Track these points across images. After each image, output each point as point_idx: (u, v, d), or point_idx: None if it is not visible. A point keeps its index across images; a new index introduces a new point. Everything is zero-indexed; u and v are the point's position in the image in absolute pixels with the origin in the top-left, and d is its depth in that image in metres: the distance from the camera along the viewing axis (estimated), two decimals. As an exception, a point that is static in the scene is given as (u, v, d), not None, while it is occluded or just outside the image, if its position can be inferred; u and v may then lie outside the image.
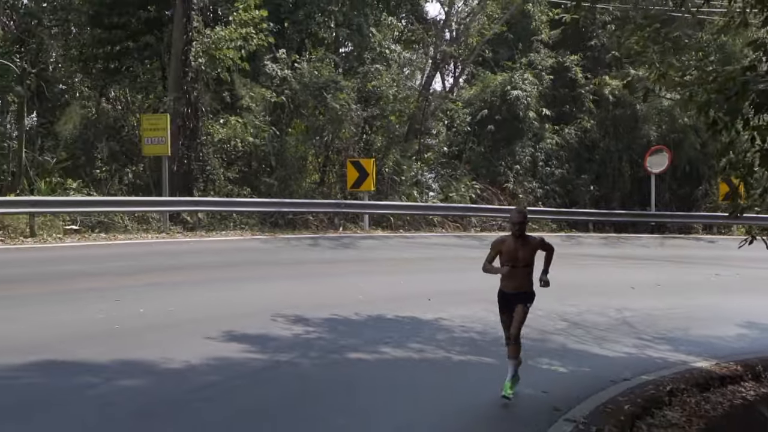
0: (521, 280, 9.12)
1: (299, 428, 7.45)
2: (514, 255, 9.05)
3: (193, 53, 24.33)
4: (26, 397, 7.65)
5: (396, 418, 8.06)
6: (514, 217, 9.18)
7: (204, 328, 10.67)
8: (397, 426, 7.84)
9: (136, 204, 22.52)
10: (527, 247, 9.11)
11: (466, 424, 8.13)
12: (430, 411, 8.44)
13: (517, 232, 9.03)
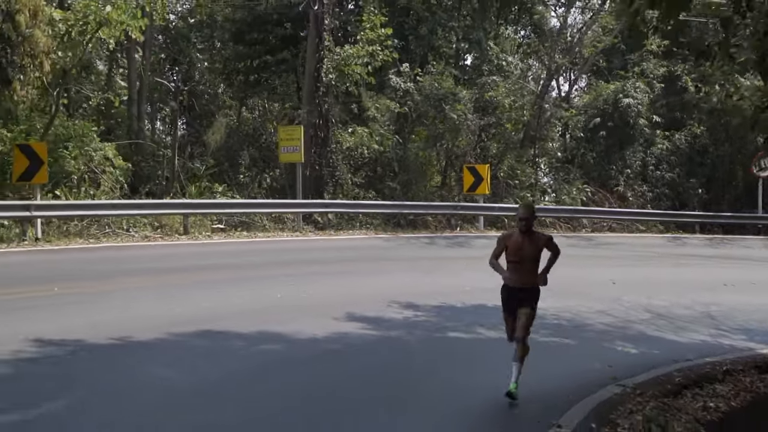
0: (526, 275, 9.15)
1: (390, 389, 9.20)
2: (520, 250, 9.07)
3: (324, 70, 26.71)
4: (193, 351, 9.88)
5: (478, 381, 9.87)
6: (521, 213, 9.22)
7: (330, 310, 12.67)
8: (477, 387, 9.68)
9: (273, 206, 25.05)
10: (533, 243, 9.13)
11: (536, 384, 9.78)
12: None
13: (524, 228, 9.04)
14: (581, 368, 10.58)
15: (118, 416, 7.25)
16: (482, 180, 26.55)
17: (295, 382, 8.82)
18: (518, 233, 9.07)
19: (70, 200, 21.31)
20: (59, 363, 8.87)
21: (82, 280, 14.24)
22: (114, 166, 24.06)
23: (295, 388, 8.60)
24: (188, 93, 29.75)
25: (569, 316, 13.80)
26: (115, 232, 21.18)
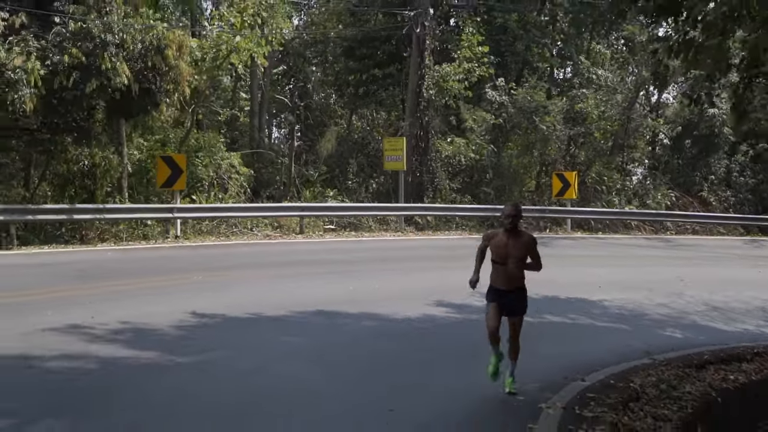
0: (511, 275, 8.98)
1: (462, 359, 11.05)
2: (504, 249, 8.90)
3: (425, 86, 29.19)
4: (310, 324, 12.40)
5: (536, 352, 12.07)
6: (507, 210, 8.99)
7: (422, 298, 14.88)
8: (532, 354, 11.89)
9: (378, 209, 27.67)
10: (518, 243, 8.92)
11: (581, 356, 11.61)
12: (563, 351, 12.21)
13: (509, 226, 8.85)
14: (627, 348, 12.30)
15: (261, 363, 9.84)
16: (570, 186, 28.54)
17: (384, 350, 11.18)
18: (503, 232, 8.93)
19: (204, 203, 24.42)
20: (211, 328, 11.55)
21: (216, 271, 17.02)
22: (239, 172, 27.10)
23: (384, 354, 10.95)
24: (303, 107, 32.74)
25: (632, 306, 15.42)
26: (241, 231, 24.16)
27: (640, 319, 14.64)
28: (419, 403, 8.58)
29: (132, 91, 19.42)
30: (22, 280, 14.82)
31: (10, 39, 18.05)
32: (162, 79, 19.97)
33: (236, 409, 7.83)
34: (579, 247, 25.21)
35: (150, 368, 9.14)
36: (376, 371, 9.86)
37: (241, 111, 31.98)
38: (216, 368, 9.41)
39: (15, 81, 17.42)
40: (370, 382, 9.38)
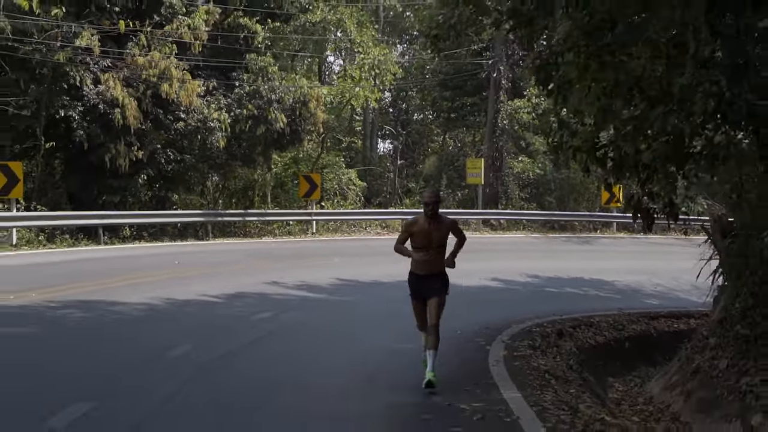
0: (434, 262, 8.91)
1: (469, 311, 15.78)
2: (427, 236, 8.77)
3: (500, 117, 36.58)
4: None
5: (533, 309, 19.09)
6: (427, 197, 8.92)
7: (484, 275, 21.56)
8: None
9: (462, 213, 35.01)
10: (440, 228, 8.82)
11: (568, 309, 18.61)
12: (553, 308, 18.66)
13: (429, 212, 8.74)
14: (604, 306, 17.91)
15: (384, 302, 17.23)
16: (614, 196, 35.37)
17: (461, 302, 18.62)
18: (424, 219, 8.81)
19: (331, 209, 32.41)
20: (352, 287, 18.67)
21: (346, 256, 24.70)
22: (355, 184, 35.03)
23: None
24: (406, 134, 40.60)
25: (634, 285, 20.01)
26: (358, 229, 32.02)
27: (634, 293, 19.66)
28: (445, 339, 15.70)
29: (285, 132, 27.52)
30: (223, 259, 22.76)
31: (207, 99, 26.34)
32: (305, 123, 28.03)
33: (386, 314, 14.79)
34: (617, 245, 31.94)
35: (318, 301, 16.59)
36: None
37: (356, 135, 39.91)
38: (357, 302, 16.87)
39: (212, 128, 25.71)
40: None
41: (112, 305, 13.34)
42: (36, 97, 23.48)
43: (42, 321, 11.92)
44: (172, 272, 18.41)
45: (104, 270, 18.12)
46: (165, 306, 13.74)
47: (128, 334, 11.36)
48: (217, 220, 27.72)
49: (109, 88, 23.69)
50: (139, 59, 24.25)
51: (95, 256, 21.40)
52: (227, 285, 16.42)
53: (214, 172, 29.11)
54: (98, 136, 24.10)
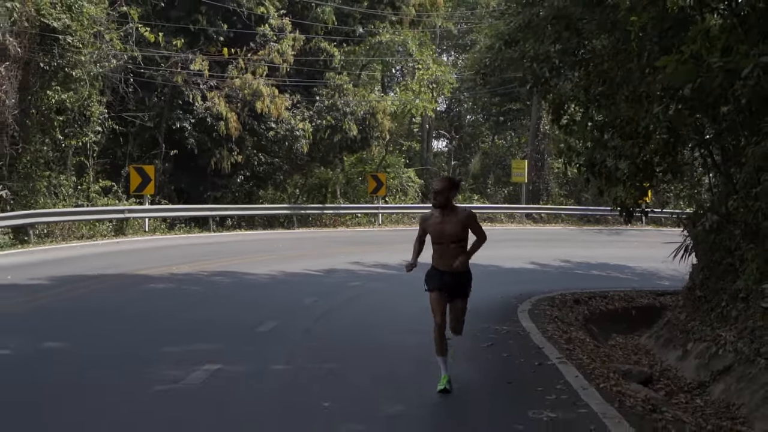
0: (453, 258, 8.05)
1: (504, 285, 23.14)
2: (440, 230, 8.02)
3: (542, 123, 41.05)
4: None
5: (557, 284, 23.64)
6: (435, 185, 8.14)
7: (524, 260, 26.01)
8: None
9: (507, 208, 39.68)
10: (454, 221, 7.99)
11: (587, 287, 23.15)
12: (578, 285, 23.51)
13: (438, 203, 7.97)
14: (621, 285, 23.52)
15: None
16: (646, 192, 39.55)
17: (504, 280, 23.21)
18: (437, 212, 8.10)
19: (394, 204, 37.23)
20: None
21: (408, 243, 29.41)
22: (413, 182, 39.78)
23: (495, 275, 22.99)
24: (459, 138, 45.30)
25: (652, 270, 22.44)
26: (414, 221, 36.72)
27: (651, 276, 22.15)
28: (492, 300, 19.17)
29: (356, 138, 32.43)
30: (310, 244, 27.61)
31: (293, 111, 31.36)
32: (373, 131, 32.93)
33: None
34: (643, 237, 36.14)
35: (392, 276, 20.85)
36: (479, 289, 21.97)
37: (414, 138, 44.73)
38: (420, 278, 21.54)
39: (298, 136, 30.73)
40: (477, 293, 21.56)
41: (245, 275, 18.13)
42: (158, 111, 28.71)
43: (204, 283, 16.75)
44: (277, 254, 23.13)
45: (225, 251, 23.05)
46: (283, 276, 18.48)
47: (267, 292, 16.15)
48: (300, 212, 32.71)
49: (215, 104, 28.78)
50: (237, 81, 29.32)
51: (210, 240, 26.46)
52: (322, 263, 21.00)
53: (296, 172, 34.14)
54: (205, 143, 29.27)
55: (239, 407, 7.44)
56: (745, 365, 10.38)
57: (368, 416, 7.32)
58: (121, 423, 6.99)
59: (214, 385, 8.21)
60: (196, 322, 11.93)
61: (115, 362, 9.17)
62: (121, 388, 8.00)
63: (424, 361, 9.13)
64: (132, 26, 26.06)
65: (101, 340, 10.47)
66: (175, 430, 6.87)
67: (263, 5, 30.16)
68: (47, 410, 7.27)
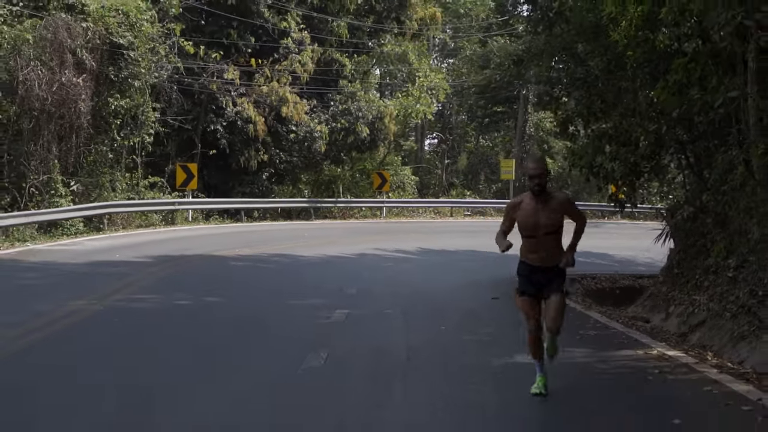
0: (547, 250, 7.08)
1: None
2: (533, 219, 6.96)
3: (527, 126, 44.65)
4: (458, 254, 28.00)
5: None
6: (531, 168, 7.04)
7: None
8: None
9: (496, 203, 43.01)
10: (550, 208, 6.96)
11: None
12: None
13: (536, 189, 6.89)
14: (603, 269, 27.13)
15: (431, 260, 25.32)
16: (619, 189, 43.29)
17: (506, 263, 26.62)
18: (529, 197, 7.03)
19: (396, 198, 40.63)
20: (427, 252, 27.06)
21: (411, 233, 32.61)
22: (410, 179, 43.20)
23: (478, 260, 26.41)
24: (451, 138, 48.80)
25: (630, 257, 25.43)
26: (416, 214, 40.21)
27: (629, 263, 22.74)
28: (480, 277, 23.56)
29: (366, 140, 35.78)
30: (331, 233, 30.75)
31: (311, 115, 34.63)
32: (380, 133, 36.31)
33: (452, 265, 23.00)
34: (620, 229, 39.65)
35: (413, 259, 24.42)
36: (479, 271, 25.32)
37: (409, 139, 48.21)
38: (434, 260, 24.65)
39: (315, 137, 34.04)
40: (478, 274, 24.96)
41: (299, 256, 21.07)
42: (195, 115, 31.86)
43: (272, 262, 19.81)
44: (308, 241, 25.89)
45: (266, 238, 26.03)
46: (328, 258, 21.25)
47: (326, 269, 19.20)
48: (316, 206, 36.02)
49: (244, 109, 31.98)
50: (264, 88, 32.57)
51: (245, 229, 29.63)
52: (351, 249, 23.70)
53: (310, 170, 37.44)
54: (236, 144, 32.48)
55: (380, 333, 10.80)
56: (715, 319, 13.54)
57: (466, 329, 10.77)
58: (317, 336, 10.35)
59: (354, 319, 11.60)
60: (299, 287, 15.10)
61: (274, 309, 12.40)
62: (296, 322, 11.32)
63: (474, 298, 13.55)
64: (175, 40, 29.19)
65: (243, 299, 13.55)
66: (351, 342, 10.18)
67: (286, 20, 33.33)
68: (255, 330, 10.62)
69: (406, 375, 8.31)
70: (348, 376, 8.23)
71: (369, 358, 9.06)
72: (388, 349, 9.52)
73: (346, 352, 9.40)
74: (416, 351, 9.45)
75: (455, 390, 7.70)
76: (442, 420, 6.78)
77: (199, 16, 31.80)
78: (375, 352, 9.37)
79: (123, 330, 10.63)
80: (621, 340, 10.75)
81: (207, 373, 8.29)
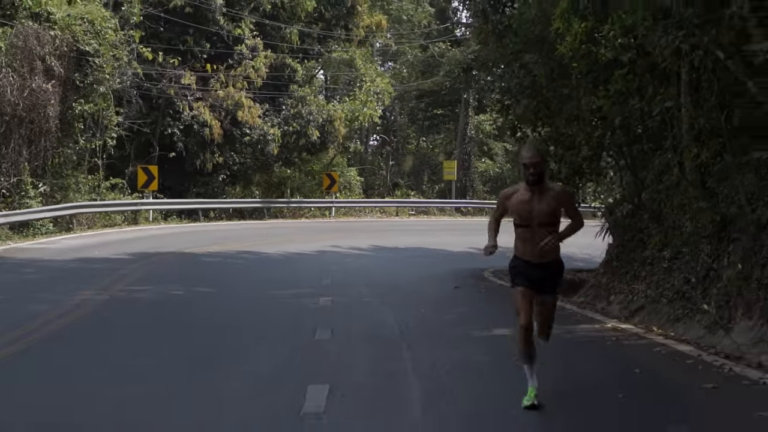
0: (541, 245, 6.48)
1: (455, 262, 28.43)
2: (529, 209, 6.47)
3: (468, 128, 46.45)
4: (404, 251, 29.44)
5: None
6: (527, 158, 6.54)
7: (466, 245, 31.51)
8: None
9: (439, 203, 44.86)
10: (547, 199, 6.48)
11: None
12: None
13: (532, 179, 6.43)
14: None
15: (375, 255, 26.81)
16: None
17: (426, 260, 28.14)
18: (524, 188, 6.58)
19: (342, 198, 41.93)
20: (380, 249, 28.55)
21: (363, 231, 34.06)
22: (357, 180, 44.60)
23: (428, 257, 27.88)
24: (396, 144, 50.36)
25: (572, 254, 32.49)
26: (363, 214, 41.59)
27: (569, 258, 30.44)
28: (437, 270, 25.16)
29: (317, 142, 37.08)
30: (287, 231, 31.88)
31: (264, 119, 35.78)
32: (329, 135, 37.64)
33: (406, 260, 24.55)
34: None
35: (368, 255, 25.92)
36: (435, 265, 26.83)
37: (354, 141, 49.53)
38: (386, 256, 26.08)
39: (269, 140, 35.21)
40: (435, 268, 26.43)
41: (264, 253, 22.10)
42: (153, 119, 32.75)
43: (241, 258, 20.99)
44: (268, 239, 27.03)
45: (228, 237, 27.12)
46: (292, 255, 22.32)
47: (295, 264, 20.37)
48: (270, 206, 37.18)
49: (201, 113, 33.01)
50: (220, 93, 33.63)
51: (206, 228, 30.70)
52: (309, 246, 24.65)
53: (261, 171, 38.57)
54: (192, 147, 33.47)
55: (369, 314, 12.17)
56: (653, 304, 15.06)
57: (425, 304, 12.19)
58: (315, 317, 11.60)
59: (339, 305, 12.91)
60: (277, 280, 16.27)
61: (264, 298, 13.64)
62: (289, 308, 12.60)
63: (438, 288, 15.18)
64: (134, 47, 30.11)
65: (231, 290, 14.69)
66: (347, 321, 11.48)
67: (240, 27, 34.46)
68: (258, 314, 11.85)
69: (406, 342, 9.73)
70: (357, 343, 9.70)
71: (369, 331, 10.46)
72: (382, 325, 10.94)
73: (347, 327, 10.80)
74: (406, 326, 10.87)
75: (451, 352, 9.19)
76: (449, 373, 8.23)
77: (158, 24, 32.71)
78: (372, 327, 10.78)
79: (139, 315, 11.82)
80: (577, 318, 12.32)
81: (244, 342, 9.79)
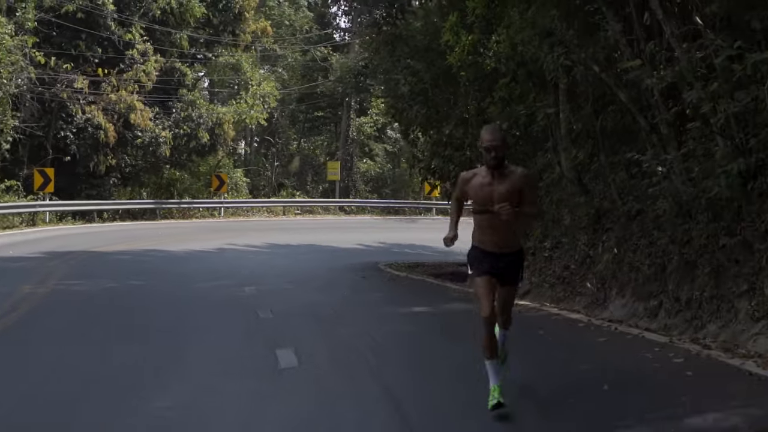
0: (504, 232, 6.08)
1: (364, 256, 30.16)
2: (489, 192, 6.00)
3: (351, 131, 48.15)
4: (297, 249, 30.87)
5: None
6: (487, 140, 5.98)
7: (353, 241, 33.15)
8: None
9: (324, 202, 46.32)
10: (509, 182, 6.00)
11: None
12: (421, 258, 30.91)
13: (492, 162, 5.97)
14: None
15: (271, 256, 28.16)
16: (434, 189, 47.70)
17: (324, 256, 29.72)
18: (485, 171, 6.12)
19: (230, 199, 42.80)
20: (274, 246, 29.80)
21: (255, 230, 35.19)
22: (243, 181, 45.56)
23: (327, 255, 29.45)
24: (280, 143, 51.51)
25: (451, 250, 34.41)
26: (251, 214, 42.64)
27: (449, 254, 32.09)
28: (335, 264, 26.71)
29: (207, 144, 37.93)
30: (184, 231, 32.71)
31: (156, 121, 36.38)
32: (219, 138, 38.56)
33: (303, 255, 25.90)
34: (436, 224, 43.98)
35: (265, 252, 27.17)
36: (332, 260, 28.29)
37: (239, 143, 50.49)
38: (282, 252, 27.50)
39: (160, 142, 35.84)
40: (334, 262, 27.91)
41: (169, 251, 22.96)
42: (46, 122, 32.89)
43: (149, 256, 21.77)
44: (166, 238, 27.86)
45: (129, 236, 27.75)
46: (195, 252, 23.27)
47: (202, 261, 21.36)
48: (163, 206, 37.77)
49: (94, 116, 33.39)
50: (112, 96, 34.09)
51: (102, 229, 31.12)
52: (208, 244, 25.44)
53: (152, 173, 39.10)
54: (86, 150, 33.79)
55: (298, 298, 13.54)
56: (537, 289, 17.07)
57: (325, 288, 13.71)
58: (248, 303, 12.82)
59: (264, 292, 14.26)
60: (196, 273, 17.32)
61: (193, 288, 14.76)
62: (221, 296, 13.81)
63: (346, 278, 16.35)
64: (27, 51, 30.30)
65: (159, 283, 15.61)
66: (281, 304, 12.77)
67: (130, 32, 34.96)
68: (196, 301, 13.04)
69: (341, 318, 11.22)
70: (299, 319, 11.12)
71: (304, 309, 11.90)
72: (316, 306, 12.37)
73: (284, 308, 12.15)
74: (338, 307, 12.37)
75: (382, 326, 10.74)
76: (385, 338, 9.79)
77: (50, 29, 32.86)
78: (306, 306, 12.21)
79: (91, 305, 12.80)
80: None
81: (201, 321, 11.01)
